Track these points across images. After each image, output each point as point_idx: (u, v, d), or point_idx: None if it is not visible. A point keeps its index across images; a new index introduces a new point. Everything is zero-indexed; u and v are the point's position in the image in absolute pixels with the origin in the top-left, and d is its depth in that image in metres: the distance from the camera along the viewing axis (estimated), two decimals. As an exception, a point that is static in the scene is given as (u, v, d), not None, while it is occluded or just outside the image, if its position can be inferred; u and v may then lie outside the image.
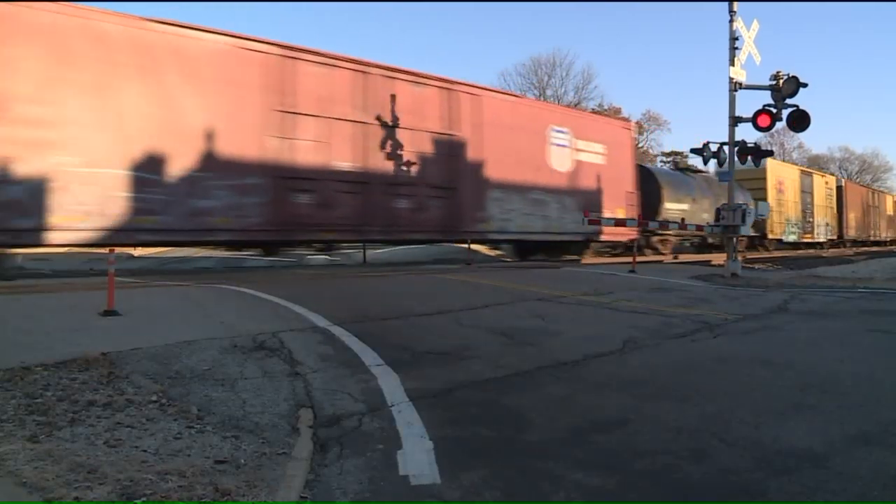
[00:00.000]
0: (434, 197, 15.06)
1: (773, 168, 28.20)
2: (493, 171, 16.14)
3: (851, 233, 37.43)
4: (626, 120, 21.45)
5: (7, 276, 9.61)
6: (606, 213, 18.39)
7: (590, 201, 18.41)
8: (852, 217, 37.74)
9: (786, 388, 4.45)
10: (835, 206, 35.67)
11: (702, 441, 3.41)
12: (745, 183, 26.19)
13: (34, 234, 10.03)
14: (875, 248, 39.17)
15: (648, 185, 21.73)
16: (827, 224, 34.03)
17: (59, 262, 13.28)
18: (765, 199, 26.15)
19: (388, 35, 79.06)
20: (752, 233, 24.59)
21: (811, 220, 31.82)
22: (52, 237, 10.26)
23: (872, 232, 41.60)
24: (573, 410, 3.98)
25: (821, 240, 33.09)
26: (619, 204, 19.39)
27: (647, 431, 3.57)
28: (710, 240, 24.87)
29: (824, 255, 27.76)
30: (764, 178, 27.36)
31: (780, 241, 28.51)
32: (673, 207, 22.27)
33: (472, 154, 15.74)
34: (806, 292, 10.39)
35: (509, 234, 16.97)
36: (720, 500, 2.74)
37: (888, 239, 44.78)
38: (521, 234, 17.17)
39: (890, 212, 47.00)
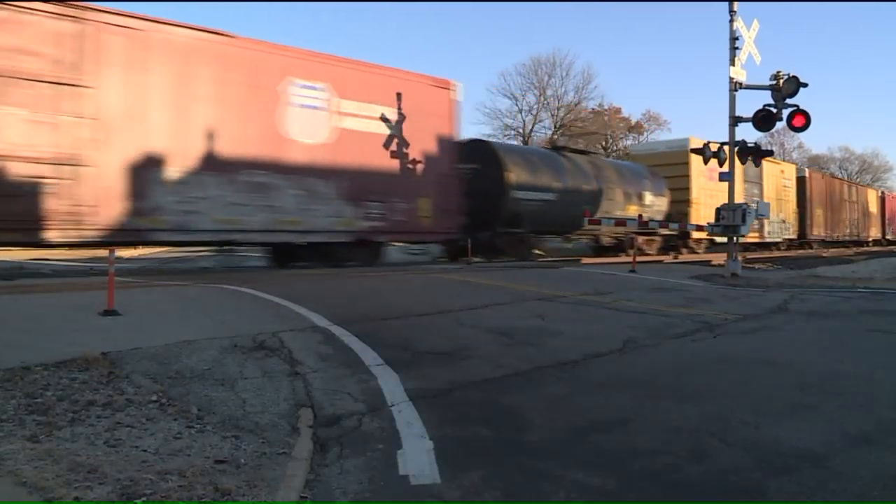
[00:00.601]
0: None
1: (701, 150, 23.33)
2: (163, 140, 11.32)
3: (817, 232, 32.31)
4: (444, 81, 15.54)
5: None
6: (397, 203, 14.43)
7: (364, 187, 13.75)
8: (819, 214, 32.50)
9: (786, 388, 4.46)
10: (794, 199, 30.49)
11: (701, 441, 3.42)
12: (662, 169, 22.59)
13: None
14: (863, 250, 34.54)
15: (489, 167, 16.90)
16: (783, 221, 28.97)
17: (60, 262, 13.27)
18: (688, 188, 22.51)
19: (387, 35, 79.08)
20: (669, 231, 20.81)
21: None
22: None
23: (851, 230, 37.25)
24: (573, 410, 3.99)
25: (774, 239, 28.31)
26: (421, 191, 14.83)
27: (646, 431, 3.57)
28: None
29: (824, 255, 27.11)
30: (686, 164, 21.87)
31: (711, 241, 23.17)
32: (527, 197, 17.32)
33: (118, 114, 10.87)
34: (806, 292, 10.39)
35: (196, 232, 11.90)
36: (720, 500, 2.74)
37: (870, 239, 40.95)
38: (223, 231, 12.14)
39: (874, 209, 42.89)
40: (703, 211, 21.82)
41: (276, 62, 12.79)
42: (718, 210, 14.22)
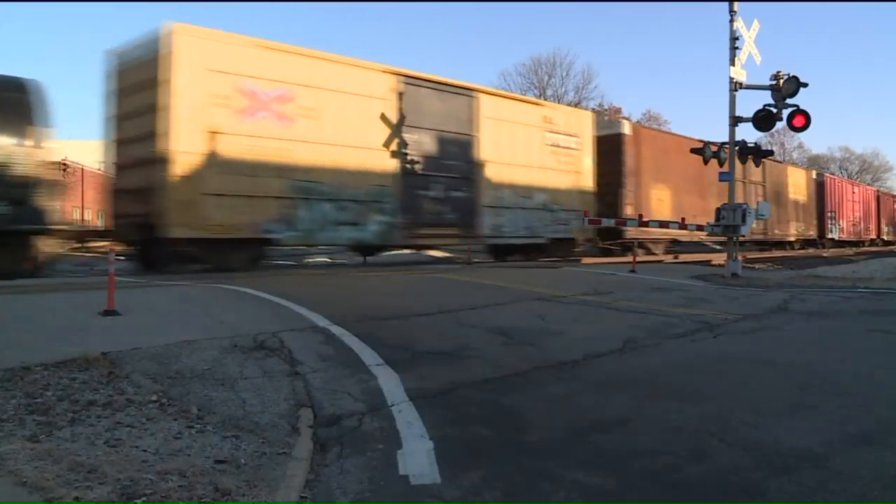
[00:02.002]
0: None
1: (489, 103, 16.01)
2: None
3: (631, 234, 19.33)
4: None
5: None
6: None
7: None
8: (653, 196, 20.66)
9: (786, 388, 4.46)
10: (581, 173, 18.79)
11: (701, 441, 3.42)
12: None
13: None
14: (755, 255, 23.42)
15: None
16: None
17: (60, 262, 13.28)
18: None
19: (387, 35, 79.06)
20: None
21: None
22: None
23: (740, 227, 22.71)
24: (573, 410, 3.99)
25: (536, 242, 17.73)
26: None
27: (646, 431, 3.57)
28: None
29: (824, 255, 26.90)
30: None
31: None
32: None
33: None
34: (806, 292, 10.39)
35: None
36: (720, 500, 2.74)
37: (793, 238, 29.00)
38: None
39: (801, 196, 29.35)
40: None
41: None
42: (718, 210, 14.19)
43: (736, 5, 13.54)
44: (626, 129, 20.68)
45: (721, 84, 26.46)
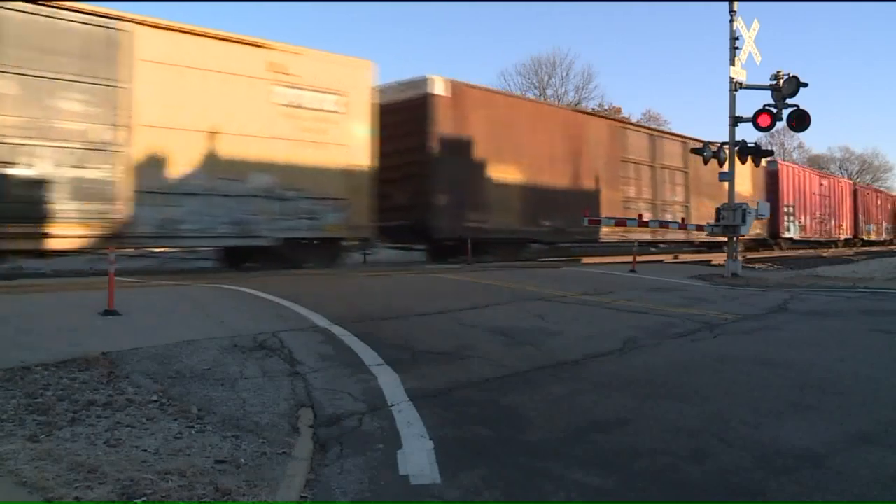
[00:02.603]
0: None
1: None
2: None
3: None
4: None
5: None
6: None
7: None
8: (493, 180, 15.97)
9: (786, 388, 4.45)
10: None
11: (702, 441, 3.42)
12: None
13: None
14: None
15: None
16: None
17: (60, 262, 13.27)
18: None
19: (387, 34, 79.06)
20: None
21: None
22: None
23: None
24: (573, 410, 3.99)
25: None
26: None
27: (646, 431, 3.57)
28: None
29: (825, 255, 26.76)
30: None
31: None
32: None
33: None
34: (806, 292, 10.39)
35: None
36: (720, 500, 2.74)
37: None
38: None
39: (744, 187, 21.92)
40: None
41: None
42: (718, 210, 14.20)
43: (736, 5, 13.55)
44: (439, 88, 14.65)
45: (721, 84, 26.29)
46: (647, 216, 19.92)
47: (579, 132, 18.51)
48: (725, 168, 14.21)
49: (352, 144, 13.02)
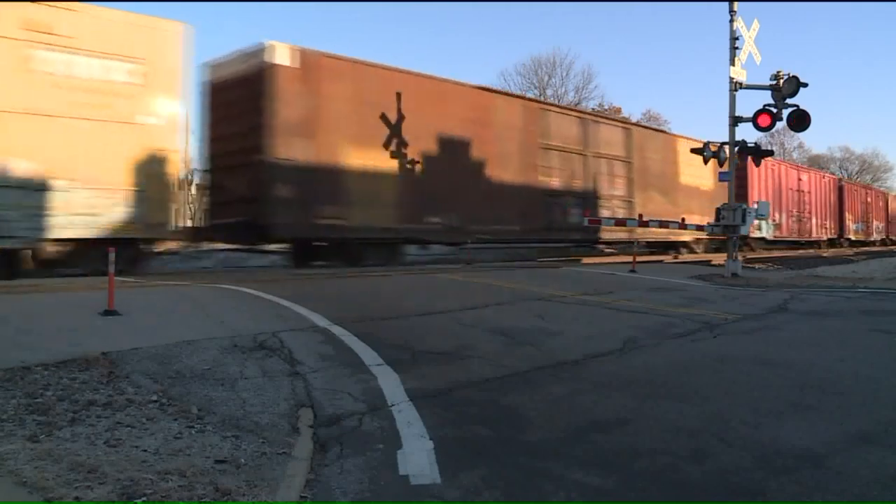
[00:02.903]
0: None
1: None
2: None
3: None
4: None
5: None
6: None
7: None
8: (354, 169, 13.34)
9: (786, 388, 4.45)
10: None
11: (702, 441, 3.42)
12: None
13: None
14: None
15: None
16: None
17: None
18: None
19: (387, 34, 79.04)
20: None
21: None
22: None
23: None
24: (573, 410, 3.99)
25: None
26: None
27: (646, 431, 3.57)
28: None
29: (825, 255, 26.69)
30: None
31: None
32: None
33: None
34: (806, 292, 10.39)
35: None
36: (720, 500, 2.74)
37: (688, 238, 22.09)
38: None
39: (705, 180, 21.59)
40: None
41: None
42: (718, 210, 14.19)
43: (736, 5, 13.54)
44: (282, 57, 12.02)
45: (721, 84, 26.13)
46: (574, 212, 17.71)
47: (484, 115, 15.75)
48: (726, 168, 14.22)
49: (152, 124, 10.55)
